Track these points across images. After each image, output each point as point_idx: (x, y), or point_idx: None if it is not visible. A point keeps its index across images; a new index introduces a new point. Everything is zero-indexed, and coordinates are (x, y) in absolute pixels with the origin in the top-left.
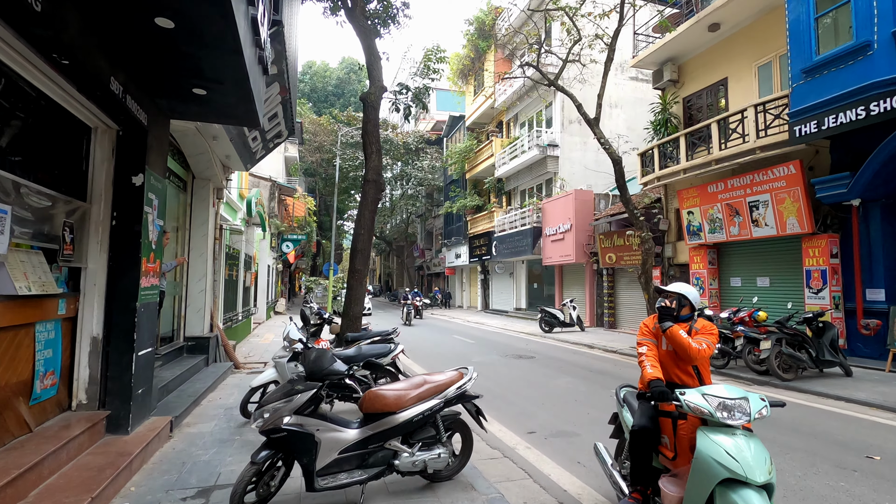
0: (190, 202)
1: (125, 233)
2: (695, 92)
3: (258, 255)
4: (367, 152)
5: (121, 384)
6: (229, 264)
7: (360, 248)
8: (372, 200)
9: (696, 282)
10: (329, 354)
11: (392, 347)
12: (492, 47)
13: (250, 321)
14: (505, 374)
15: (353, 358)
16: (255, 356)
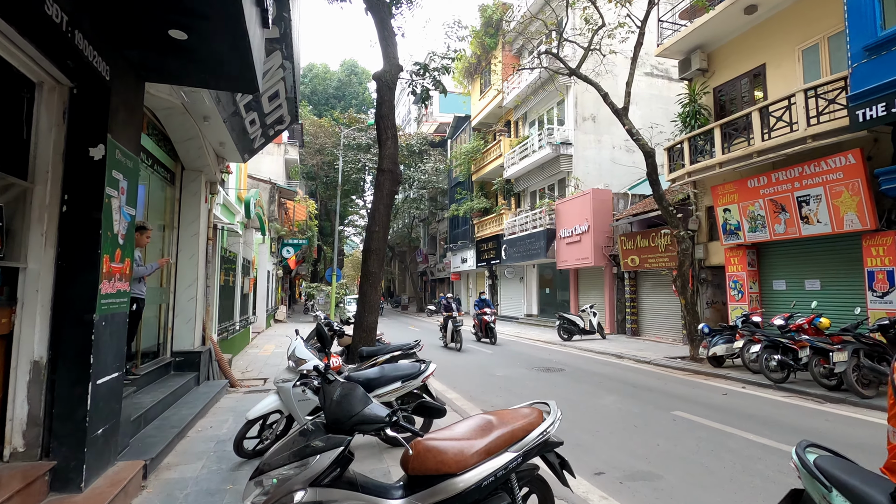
0: (178, 197)
1: (80, 222)
2: (727, 81)
3: (257, 260)
4: (382, 138)
5: (72, 424)
6: (225, 269)
7: (375, 248)
8: (387, 193)
9: (734, 286)
10: (359, 392)
11: (422, 367)
12: (499, 44)
13: (249, 331)
14: (538, 391)
15: (375, 381)
16: (254, 371)
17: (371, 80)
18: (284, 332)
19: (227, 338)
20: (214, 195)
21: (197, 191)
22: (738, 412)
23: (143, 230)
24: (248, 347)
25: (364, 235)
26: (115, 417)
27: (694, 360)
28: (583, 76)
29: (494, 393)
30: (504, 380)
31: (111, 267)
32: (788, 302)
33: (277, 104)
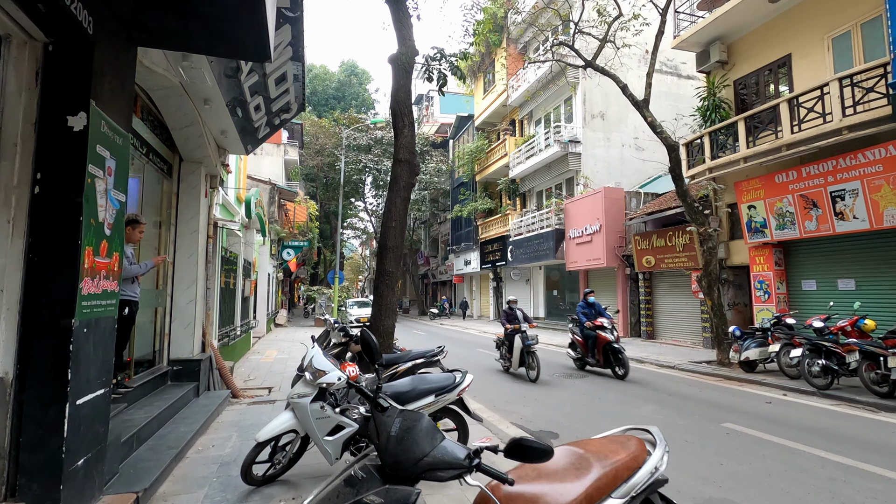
0: (176, 191)
1: (56, 207)
2: (749, 73)
3: (258, 262)
4: (398, 126)
5: (45, 455)
6: (226, 270)
7: (391, 245)
8: (405, 185)
9: (759, 286)
10: (426, 424)
11: (457, 379)
12: (503, 41)
13: (250, 336)
14: (567, 399)
15: (405, 395)
16: (257, 379)
17: (371, 81)
18: (286, 337)
19: (228, 344)
20: (215, 190)
21: (196, 184)
22: (792, 423)
23: (135, 224)
24: (249, 353)
25: (379, 233)
26: (99, 443)
27: (722, 365)
28: (599, 68)
29: (519, 402)
30: (522, 384)
31: (95, 262)
32: (818, 303)
33: (284, 88)
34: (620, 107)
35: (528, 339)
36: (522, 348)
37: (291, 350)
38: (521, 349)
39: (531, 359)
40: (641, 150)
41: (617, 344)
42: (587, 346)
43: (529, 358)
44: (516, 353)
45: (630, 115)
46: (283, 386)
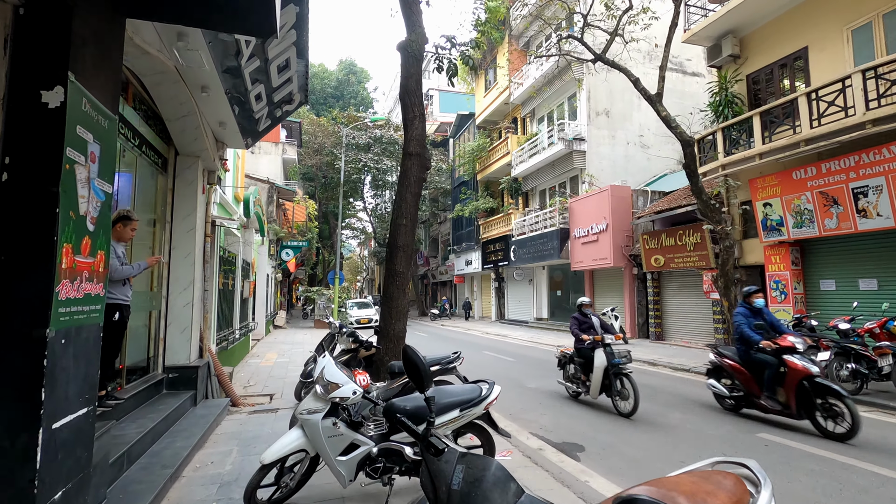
0: (172, 187)
1: (28, 197)
2: (762, 67)
3: (256, 262)
4: (408, 117)
5: (14, 491)
6: (224, 270)
7: (402, 244)
8: (415, 180)
9: (775, 286)
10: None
11: (483, 390)
12: (505, 38)
13: (249, 339)
14: (587, 409)
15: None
16: (257, 384)
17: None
18: (285, 339)
19: (227, 348)
20: (213, 186)
21: (193, 180)
22: None
23: (127, 221)
24: (248, 357)
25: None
26: (81, 470)
27: None
28: (610, 62)
29: (535, 410)
30: (537, 392)
31: (75, 261)
32: (838, 303)
33: (287, 77)
34: (625, 104)
35: (616, 357)
36: (608, 368)
37: (292, 353)
38: (604, 368)
39: (621, 383)
40: (646, 147)
41: (824, 379)
42: (754, 378)
43: (618, 382)
44: (598, 374)
45: (635, 113)
46: (286, 392)
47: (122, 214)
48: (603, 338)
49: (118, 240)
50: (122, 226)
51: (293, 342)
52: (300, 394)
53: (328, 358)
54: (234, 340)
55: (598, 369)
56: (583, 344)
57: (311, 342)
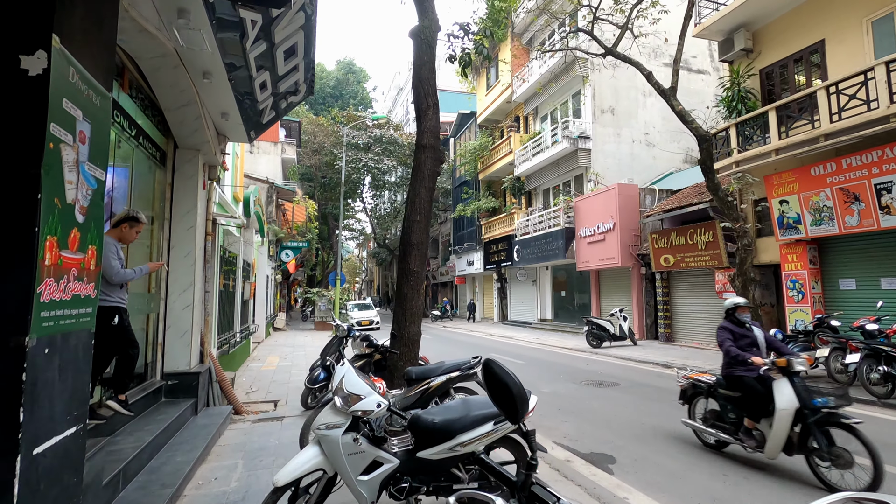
0: (171, 182)
1: (4, 180)
2: (776, 61)
3: (256, 263)
4: (421, 108)
5: None
6: (225, 271)
7: (416, 242)
8: (429, 174)
9: (792, 286)
10: None
11: None
12: (508, 35)
13: (249, 342)
14: (610, 415)
15: (457, 422)
16: (260, 390)
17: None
18: (286, 342)
19: (228, 352)
20: (214, 181)
21: (193, 174)
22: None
23: (134, 222)
24: (249, 361)
25: (402, 226)
26: (70, 499)
27: None
28: (621, 55)
29: (555, 416)
30: (554, 397)
31: (62, 257)
32: (859, 303)
33: (293, 65)
34: (630, 101)
35: (815, 395)
36: (801, 411)
37: (294, 356)
38: (793, 412)
39: (829, 439)
40: (652, 146)
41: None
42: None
43: (822, 436)
44: (783, 422)
45: (640, 111)
46: (290, 399)
47: (130, 215)
48: (789, 362)
49: (120, 240)
50: (128, 226)
51: (294, 345)
52: (307, 401)
53: (348, 366)
54: (236, 344)
55: (783, 413)
56: (746, 369)
57: (312, 345)
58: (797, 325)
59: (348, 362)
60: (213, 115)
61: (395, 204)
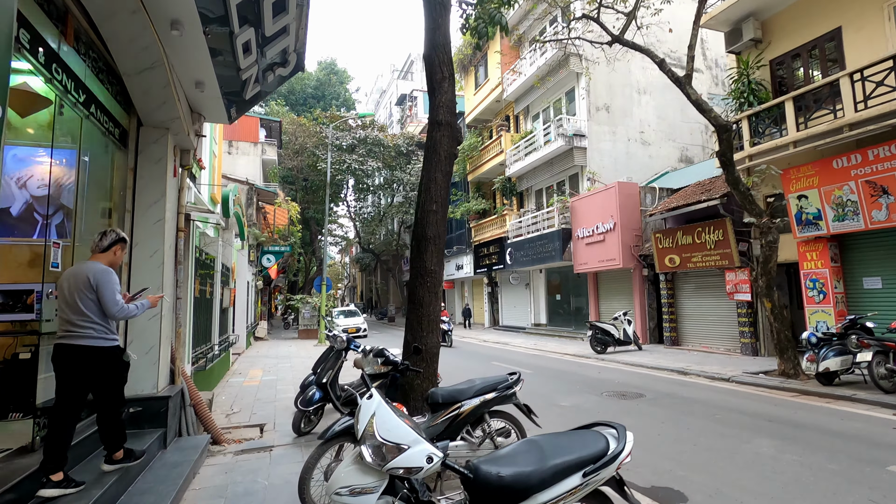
0: (133, 166)
1: None
2: (788, 51)
3: (236, 268)
4: (435, 79)
5: None
6: (201, 275)
7: (433, 236)
8: (446, 156)
9: (812, 285)
10: None
11: (610, 440)
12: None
13: (229, 354)
14: (654, 435)
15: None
16: (242, 411)
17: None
18: (269, 352)
19: (206, 367)
20: (188, 168)
21: (161, 158)
22: None
23: (125, 244)
24: (229, 375)
25: (415, 217)
26: None
27: (787, 377)
28: (630, 43)
29: None
30: (579, 413)
31: None
32: (886, 303)
33: (283, 25)
34: (625, 99)
35: None
36: None
37: (279, 369)
38: None
39: None
40: (647, 144)
41: None
42: None
43: None
44: None
45: (635, 108)
46: (279, 421)
47: (121, 236)
48: None
49: (111, 265)
50: (120, 249)
51: (278, 356)
52: (300, 426)
53: (379, 401)
54: (214, 358)
55: None
56: None
57: (297, 355)
58: (818, 326)
59: (377, 392)
60: (184, 85)
61: (379, 208)
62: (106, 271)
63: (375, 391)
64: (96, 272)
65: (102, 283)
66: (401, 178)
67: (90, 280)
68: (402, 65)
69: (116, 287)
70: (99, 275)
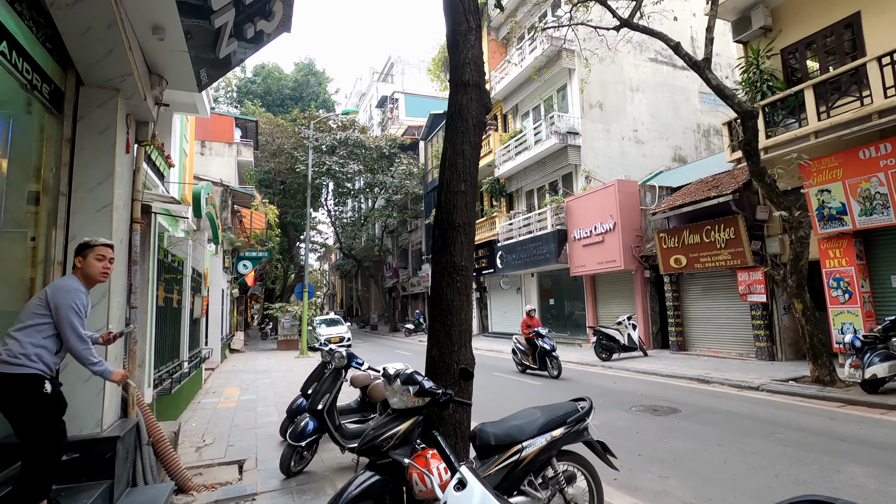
0: (70, 136)
1: None
2: (801, 39)
3: (209, 274)
4: (459, 30)
5: None
6: (166, 280)
7: (462, 223)
8: (475, 125)
9: (836, 284)
10: None
11: None
12: (483, 29)
13: (201, 371)
14: (709, 462)
15: None
16: (217, 441)
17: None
18: (246, 366)
19: (172, 390)
20: (145, 145)
21: (108, 128)
22: None
23: (88, 249)
24: (201, 395)
25: (437, 201)
26: None
27: (823, 384)
28: (640, 26)
29: (643, 467)
30: (613, 433)
31: None
32: None
33: None
34: (619, 96)
35: None
36: None
37: (258, 386)
38: None
39: None
40: (641, 143)
41: None
42: None
43: None
44: None
45: (628, 106)
46: (262, 456)
47: (81, 243)
48: None
49: (85, 280)
50: (92, 260)
51: (257, 370)
52: (289, 465)
53: (481, 493)
54: (183, 377)
55: None
56: None
57: (278, 369)
58: (844, 328)
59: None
60: (138, 30)
61: (359, 213)
62: (68, 289)
63: (471, 475)
64: (56, 288)
65: (61, 303)
66: (383, 181)
67: (47, 296)
68: (382, 67)
69: (78, 308)
70: (58, 293)
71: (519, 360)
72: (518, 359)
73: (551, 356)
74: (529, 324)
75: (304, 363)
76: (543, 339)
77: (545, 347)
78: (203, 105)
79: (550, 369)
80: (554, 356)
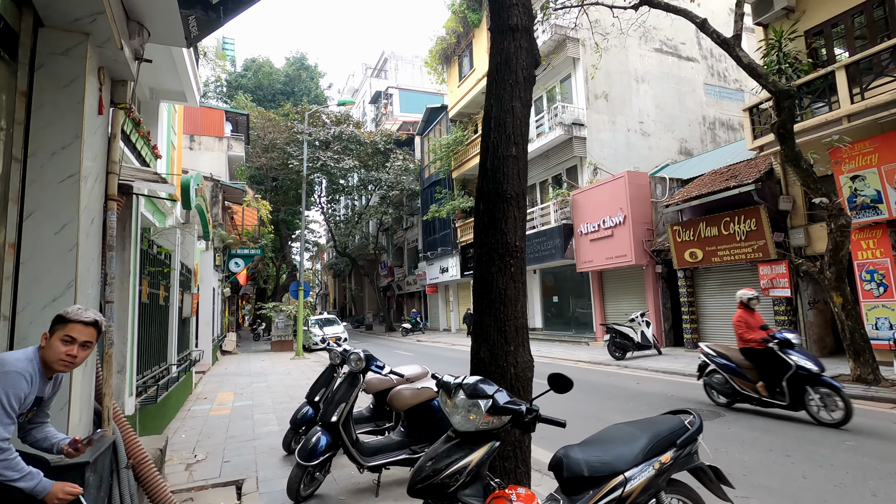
0: (27, 89)
1: None
2: (828, 19)
3: (200, 271)
4: None
5: None
6: (151, 274)
7: (514, 195)
8: (525, 77)
9: (871, 277)
10: None
11: None
12: (483, 20)
13: (191, 375)
14: (791, 476)
15: None
16: (210, 456)
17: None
18: (239, 369)
19: (158, 399)
20: (122, 108)
21: (76, 79)
22: None
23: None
24: (191, 401)
25: (480, 169)
26: None
27: (866, 383)
28: (663, 4)
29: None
30: None
31: None
32: None
33: None
34: (624, 87)
35: None
36: None
37: (254, 390)
38: None
39: None
40: (647, 135)
41: None
42: None
43: None
44: None
45: (634, 97)
46: (263, 475)
47: (58, 314)
48: None
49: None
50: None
51: (251, 373)
52: (298, 489)
53: None
54: (171, 383)
55: None
56: None
57: (273, 371)
58: (878, 323)
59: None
60: None
61: (352, 210)
62: (6, 371)
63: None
64: None
65: None
66: (378, 177)
67: None
68: (376, 62)
69: (9, 400)
70: None
71: (726, 389)
72: (720, 385)
73: (818, 383)
74: (751, 322)
75: (301, 365)
76: (796, 351)
77: (804, 367)
78: (192, 92)
79: (819, 408)
80: (827, 383)
